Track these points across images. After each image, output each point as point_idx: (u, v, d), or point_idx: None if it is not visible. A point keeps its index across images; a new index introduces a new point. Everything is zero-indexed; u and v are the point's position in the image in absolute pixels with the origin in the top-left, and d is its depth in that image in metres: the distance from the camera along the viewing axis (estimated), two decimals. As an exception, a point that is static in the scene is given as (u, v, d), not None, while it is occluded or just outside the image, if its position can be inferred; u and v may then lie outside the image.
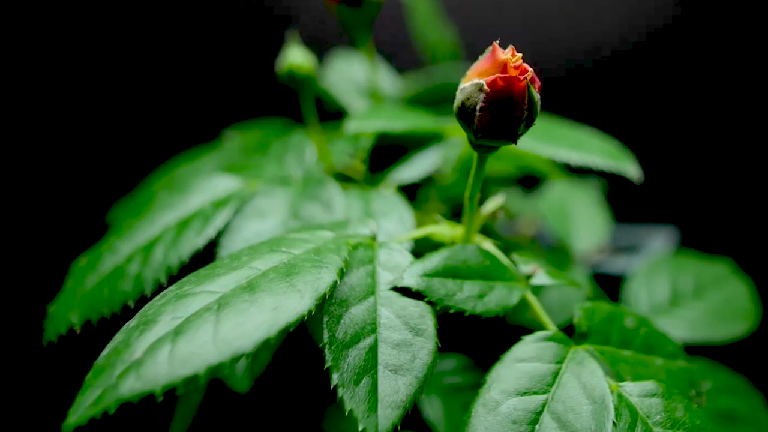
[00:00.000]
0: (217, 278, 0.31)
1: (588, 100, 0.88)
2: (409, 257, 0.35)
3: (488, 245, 0.37)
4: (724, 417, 0.48)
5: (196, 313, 0.29)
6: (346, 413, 0.28)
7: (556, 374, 0.32)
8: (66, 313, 0.37)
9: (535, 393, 0.31)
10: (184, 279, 0.32)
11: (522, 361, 0.32)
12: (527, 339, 0.33)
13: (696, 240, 0.68)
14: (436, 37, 0.66)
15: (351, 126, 0.46)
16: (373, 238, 0.36)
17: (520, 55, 0.32)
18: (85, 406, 0.26)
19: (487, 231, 0.44)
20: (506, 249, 0.49)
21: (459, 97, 0.33)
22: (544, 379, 0.31)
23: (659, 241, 0.64)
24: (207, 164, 0.57)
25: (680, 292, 0.51)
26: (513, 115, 0.31)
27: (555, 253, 0.56)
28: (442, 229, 0.38)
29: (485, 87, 0.31)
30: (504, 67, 0.32)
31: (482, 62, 0.33)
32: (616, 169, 0.44)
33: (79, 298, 0.38)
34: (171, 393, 0.26)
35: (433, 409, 0.44)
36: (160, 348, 0.27)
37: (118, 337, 0.29)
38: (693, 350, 0.48)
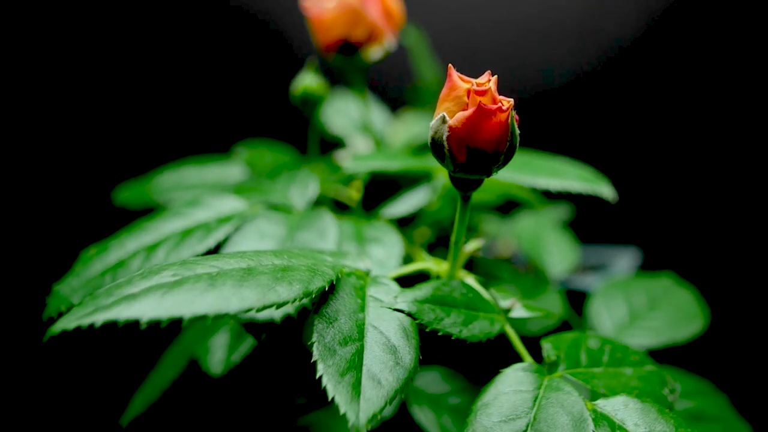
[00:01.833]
0: (223, 260, 0.32)
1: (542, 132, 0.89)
2: (398, 288, 0.35)
3: (471, 280, 0.38)
4: (693, 418, 0.48)
5: (196, 275, 0.30)
6: (329, 399, 0.29)
7: (536, 398, 0.32)
8: (69, 293, 0.38)
9: (519, 417, 0.31)
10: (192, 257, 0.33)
11: (504, 390, 0.32)
12: (507, 371, 0.33)
13: (656, 259, 0.69)
14: (430, 78, 0.67)
15: (349, 166, 0.47)
16: (367, 273, 0.37)
17: (488, 79, 0.30)
18: (75, 317, 0.27)
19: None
20: (486, 275, 0.49)
21: (429, 134, 0.32)
22: (525, 403, 0.32)
23: (624, 261, 0.65)
24: (213, 171, 0.58)
25: (636, 308, 0.52)
26: (482, 143, 0.31)
27: (533, 274, 0.57)
28: (429, 265, 0.39)
29: (447, 118, 0.31)
30: (468, 94, 0.30)
31: (444, 91, 0.32)
32: (593, 192, 0.44)
33: (84, 282, 0.38)
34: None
35: (424, 415, 0.45)
36: (156, 291, 0.28)
37: (123, 279, 0.30)
38: (659, 359, 0.48)
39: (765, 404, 0.70)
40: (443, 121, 0.31)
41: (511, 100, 0.31)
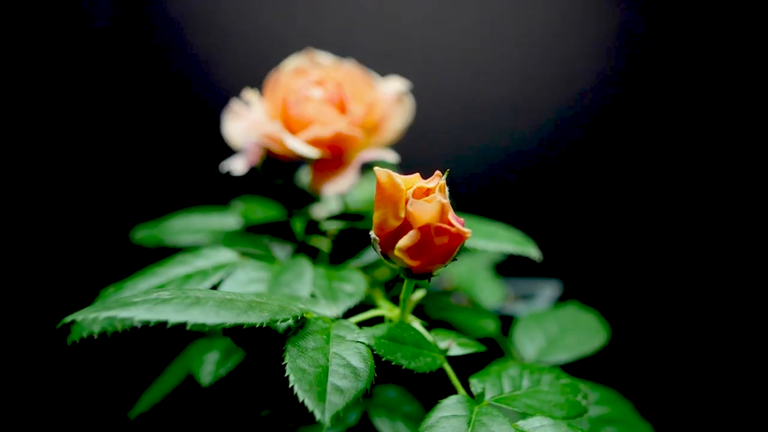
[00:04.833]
0: (211, 293, 0.34)
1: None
2: (358, 329, 0.37)
3: (417, 325, 0.39)
4: (604, 422, 0.50)
5: (186, 295, 0.32)
6: (300, 402, 0.30)
7: (470, 422, 0.34)
8: (89, 322, 0.39)
9: (458, 437, 0.33)
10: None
11: (445, 415, 0.34)
12: (445, 401, 0.35)
13: (574, 289, 0.71)
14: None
15: (327, 225, 0.48)
16: (333, 319, 0.38)
17: (436, 185, 0.29)
18: (85, 312, 0.30)
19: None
20: (433, 307, 0.51)
21: (371, 239, 0.32)
22: (462, 426, 0.34)
23: (548, 291, 0.67)
24: (215, 219, 0.59)
25: (551, 334, 0.54)
26: (425, 265, 0.31)
27: (471, 306, 0.58)
28: (385, 312, 0.41)
29: (377, 239, 0.31)
30: (407, 202, 0.29)
31: (377, 194, 0.29)
32: (522, 253, 0.47)
33: (102, 314, 0.40)
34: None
35: (382, 422, 0.46)
36: (152, 301, 0.31)
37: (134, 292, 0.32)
38: (575, 375, 0.50)
39: (662, 407, 0.72)
40: (377, 242, 0.31)
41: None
